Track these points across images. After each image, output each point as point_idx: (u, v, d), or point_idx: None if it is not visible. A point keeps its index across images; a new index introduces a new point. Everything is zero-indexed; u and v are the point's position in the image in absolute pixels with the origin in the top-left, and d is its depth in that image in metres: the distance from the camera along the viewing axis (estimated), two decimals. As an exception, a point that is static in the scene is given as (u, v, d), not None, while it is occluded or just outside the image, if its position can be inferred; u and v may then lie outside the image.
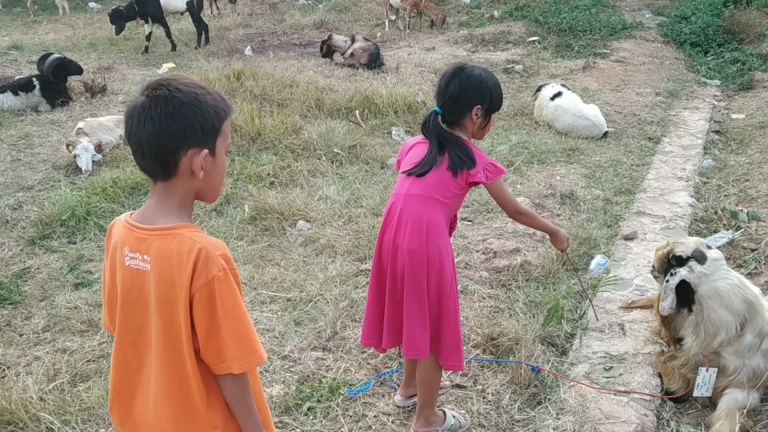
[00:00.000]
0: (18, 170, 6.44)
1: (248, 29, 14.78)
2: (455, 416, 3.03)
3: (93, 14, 18.32)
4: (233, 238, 4.97)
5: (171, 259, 1.63)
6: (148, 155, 1.64)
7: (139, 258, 1.67)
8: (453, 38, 12.73)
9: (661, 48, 11.64)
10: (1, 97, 8.44)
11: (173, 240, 1.65)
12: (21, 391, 3.20)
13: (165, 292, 1.65)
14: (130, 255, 1.69)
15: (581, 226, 4.98)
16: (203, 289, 1.61)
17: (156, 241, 1.66)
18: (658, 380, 3.31)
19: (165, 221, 1.68)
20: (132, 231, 1.70)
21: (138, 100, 1.64)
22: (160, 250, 1.65)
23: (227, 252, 1.68)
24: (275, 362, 3.49)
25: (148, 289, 1.68)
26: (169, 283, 1.63)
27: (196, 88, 1.67)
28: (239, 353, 1.67)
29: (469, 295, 4.11)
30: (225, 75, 8.67)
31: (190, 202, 1.75)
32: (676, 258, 3.27)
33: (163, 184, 1.69)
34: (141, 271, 1.68)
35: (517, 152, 6.61)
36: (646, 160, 6.62)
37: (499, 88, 2.79)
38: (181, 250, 1.63)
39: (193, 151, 1.65)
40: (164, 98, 1.62)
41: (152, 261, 1.66)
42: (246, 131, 6.90)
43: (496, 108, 2.79)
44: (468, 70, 2.74)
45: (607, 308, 3.94)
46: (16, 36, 14.59)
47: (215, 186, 1.76)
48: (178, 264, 1.62)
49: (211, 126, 1.68)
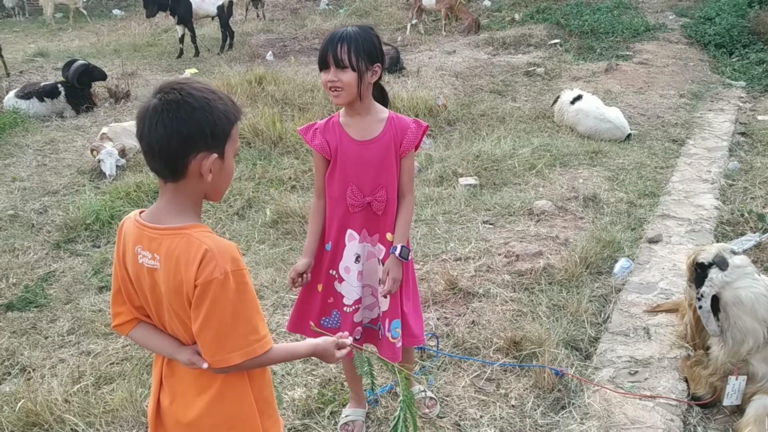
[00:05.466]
0: (43, 175, 6.53)
1: (270, 34, 14.87)
2: None
3: (117, 21, 18.55)
4: (255, 242, 4.99)
5: (179, 258, 1.67)
6: (158, 157, 1.67)
7: (149, 256, 1.71)
8: (474, 41, 12.69)
9: (685, 49, 11.51)
10: (27, 104, 8.58)
11: (182, 240, 1.68)
12: (46, 393, 3.23)
13: (173, 289, 1.69)
14: (142, 253, 1.72)
15: (605, 229, 4.93)
16: (200, 287, 1.64)
17: (166, 240, 1.69)
18: (684, 385, 3.26)
19: (174, 221, 1.72)
20: (143, 230, 1.73)
21: (150, 102, 1.66)
22: (169, 250, 1.68)
23: (236, 254, 1.70)
24: (297, 366, 3.48)
25: (160, 285, 1.72)
26: (177, 281, 1.67)
27: (207, 93, 1.69)
28: (211, 351, 1.70)
29: (491, 298, 4.08)
30: (247, 80, 8.74)
31: (199, 203, 1.79)
32: (698, 265, 3.23)
33: (172, 185, 1.72)
34: (152, 269, 1.72)
35: (539, 155, 6.56)
36: (671, 162, 6.54)
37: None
38: (189, 250, 1.66)
39: (202, 155, 1.68)
40: (176, 103, 1.64)
41: (162, 260, 1.69)
42: (267, 135, 6.94)
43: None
44: None
45: (631, 312, 3.89)
46: (42, 43, 14.83)
47: (222, 187, 1.81)
48: (185, 263, 1.66)
49: (221, 131, 1.70)
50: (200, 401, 1.80)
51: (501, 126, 7.68)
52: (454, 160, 6.44)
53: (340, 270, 2.75)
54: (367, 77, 2.51)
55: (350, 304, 2.76)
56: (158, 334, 1.84)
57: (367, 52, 2.48)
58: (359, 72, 2.47)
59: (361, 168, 2.62)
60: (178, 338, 1.80)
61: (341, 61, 2.44)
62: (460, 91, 9.24)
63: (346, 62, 2.44)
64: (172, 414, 1.85)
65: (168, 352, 1.82)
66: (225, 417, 1.81)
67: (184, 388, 1.83)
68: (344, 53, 2.43)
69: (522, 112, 8.22)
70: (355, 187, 2.63)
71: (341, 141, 2.61)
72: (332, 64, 2.45)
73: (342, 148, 2.61)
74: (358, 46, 2.45)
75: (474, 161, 6.40)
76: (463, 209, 5.41)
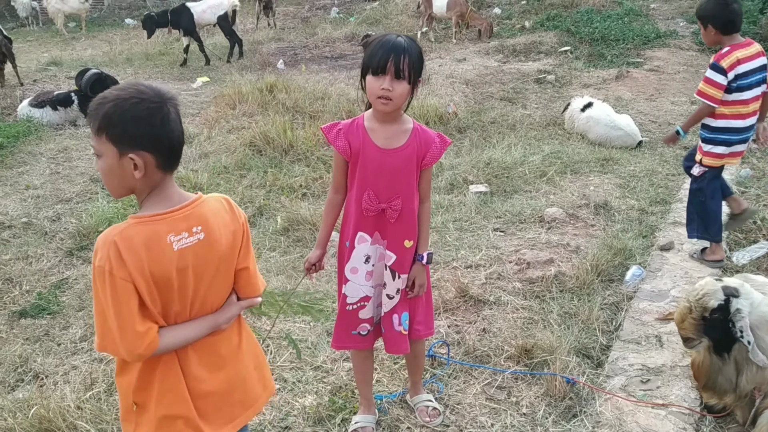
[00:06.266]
0: (57, 183, 6.58)
1: (281, 43, 14.95)
2: None
3: (129, 30, 18.70)
4: (266, 249, 5.00)
5: (218, 213, 1.94)
6: (179, 149, 1.89)
7: (188, 234, 1.86)
8: (484, 49, 12.71)
9: (696, 56, 11.47)
10: (41, 112, 8.65)
11: (207, 202, 1.93)
12: (59, 399, 3.24)
13: (232, 236, 1.96)
14: (178, 238, 1.83)
15: (616, 236, 4.91)
16: (245, 224, 2.04)
17: (197, 210, 1.90)
18: (697, 394, 3.24)
19: (188, 197, 1.92)
20: (171, 217, 1.85)
21: (154, 104, 1.80)
22: (205, 215, 1.90)
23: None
24: (308, 373, 3.49)
25: (210, 251, 1.90)
26: (233, 228, 1.97)
27: None
28: (258, 279, 2.16)
29: (502, 306, 4.07)
30: (258, 88, 8.79)
31: None
32: (716, 310, 2.98)
33: (170, 174, 1.90)
34: (194, 244, 1.86)
35: (549, 162, 6.56)
36: (682, 169, 6.51)
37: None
38: (218, 206, 1.97)
39: None
40: (175, 102, 1.85)
41: (204, 227, 1.89)
42: (278, 143, 6.97)
43: None
44: None
45: (643, 320, 3.87)
46: (55, 52, 14.97)
47: None
48: (226, 213, 1.97)
49: None
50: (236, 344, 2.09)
51: (511, 133, 7.68)
52: (464, 167, 6.44)
53: (346, 272, 2.80)
54: (415, 91, 2.56)
55: (353, 302, 2.82)
56: (184, 323, 1.91)
57: (420, 65, 2.52)
58: (412, 85, 2.51)
59: (380, 175, 2.64)
60: (207, 311, 1.96)
61: (401, 72, 2.45)
62: (470, 99, 9.25)
63: (406, 74, 2.45)
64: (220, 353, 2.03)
65: (207, 326, 1.95)
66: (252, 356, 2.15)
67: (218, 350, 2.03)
68: (405, 65, 2.44)
69: (532, 119, 8.21)
70: (371, 192, 2.65)
71: (364, 145, 2.63)
72: (391, 73, 2.45)
73: (364, 152, 2.63)
74: (416, 58, 2.48)
75: (484, 169, 6.40)
76: (474, 217, 5.41)
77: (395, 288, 2.80)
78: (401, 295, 2.82)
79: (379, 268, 2.79)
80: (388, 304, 2.83)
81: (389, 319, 2.84)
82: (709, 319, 3.02)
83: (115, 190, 1.88)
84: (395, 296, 2.81)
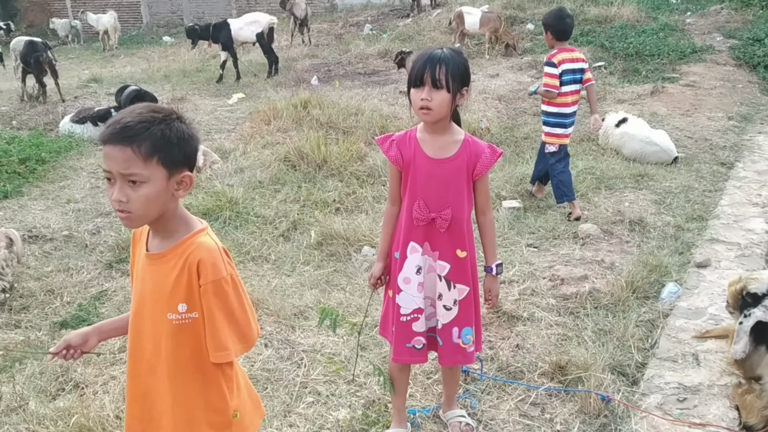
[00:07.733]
0: (96, 197, 6.73)
1: (314, 59, 15.11)
2: None
3: (167, 47, 19.08)
4: (300, 263, 5.05)
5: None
6: None
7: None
8: (517, 65, 12.69)
9: (733, 71, 11.32)
10: (82, 128, 8.86)
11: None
12: (98, 409, 3.31)
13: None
14: None
15: (651, 253, 4.86)
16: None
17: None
18: (735, 413, 3.18)
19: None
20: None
21: (179, 120, 1.88)
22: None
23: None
24: (341, 386, 3.52)
25: None
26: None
27: None
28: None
29: (535, 322, 4.06)
30: (292, 104, 8.88)
31: None
32: (750, 295, 3.15)
33: None
34: None
35: (583, 178, 6.52)
36: (719, 185, 6.43)
37: None
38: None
39: None
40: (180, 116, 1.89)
41: None
42: (312, 158, 7.04)
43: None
44: None
45: (679, 337, 3.82)
46: (95, 69, 15.34)
47: None
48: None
49: None
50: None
51: (545, 149, 7.64)
52: (497, 183, 6.44)
53: (399, 282, 2.82)
54: (457, 99, 2.60)
55: (407, 314, 2.83)
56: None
57: (461, 75, 2.58)
58: (452, 93, 2.55)
59: (431, 185, 2.70)
60: None
61: (438, 81, 2.52)
62: (503, 114, 9.25)
63: (443, 83, 2.53)
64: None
65: None
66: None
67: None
68: (442, 74, 2.52)
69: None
70: (422, 201, 2.71)
71: (415, 156, 2.70)
72: (428, 83, 2.53)
73: (415, 162, 2.70)
74: (454, 68, 2.54)
75: (518, 184, 6.39)
76: (507, 232, 5.40)
77: (452, 299, 2.81)
78: (459, 307, 2.82)
79: (430, 279, 2.81)
80: (446, 315, 2.83)
81: (448, 331, 2.84)
82: (743, 298, 3.27)
83: (149, 216, 1.81)
84: (453, 308, 2.82)
